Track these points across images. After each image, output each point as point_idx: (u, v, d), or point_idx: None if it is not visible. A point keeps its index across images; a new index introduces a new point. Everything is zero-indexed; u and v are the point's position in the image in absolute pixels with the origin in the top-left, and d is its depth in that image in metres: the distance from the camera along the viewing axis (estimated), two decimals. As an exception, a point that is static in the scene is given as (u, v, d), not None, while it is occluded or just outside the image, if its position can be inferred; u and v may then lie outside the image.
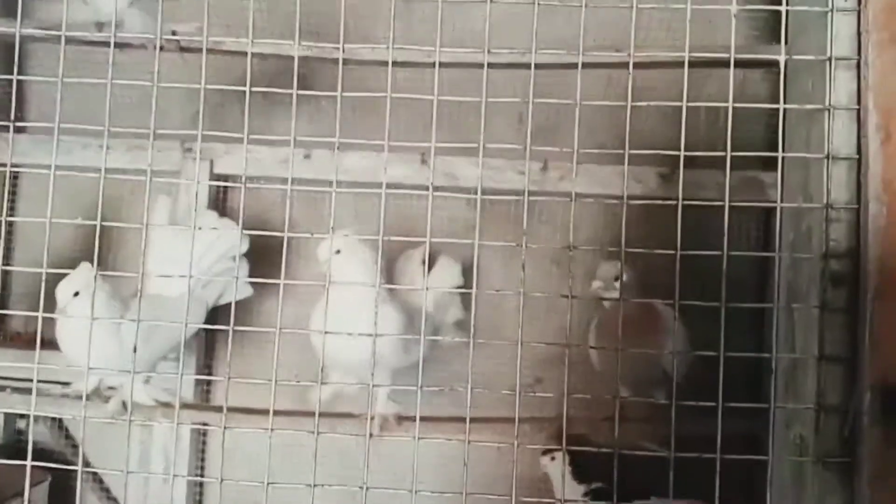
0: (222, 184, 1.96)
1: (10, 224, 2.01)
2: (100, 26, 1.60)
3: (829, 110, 1.10)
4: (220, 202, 1.97)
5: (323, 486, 1.07)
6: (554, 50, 1.22)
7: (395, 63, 1.23)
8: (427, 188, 1.18)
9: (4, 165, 1.97)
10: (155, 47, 1.12)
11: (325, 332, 1.08)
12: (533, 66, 1.17)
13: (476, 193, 1.18)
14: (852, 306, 1.05)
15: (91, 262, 1.44)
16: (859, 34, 1.13)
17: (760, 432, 1.15)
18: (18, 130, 1.93)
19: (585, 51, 1.17)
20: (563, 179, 1.83)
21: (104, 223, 1.15)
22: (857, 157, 1.09)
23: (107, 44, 1.54)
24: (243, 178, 1.12)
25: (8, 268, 1.12)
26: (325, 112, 1.99)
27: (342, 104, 1.17)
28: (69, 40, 1.23)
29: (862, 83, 1.11)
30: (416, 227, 1.86)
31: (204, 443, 1.98)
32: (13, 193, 2.06)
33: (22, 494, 1.67)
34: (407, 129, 1.87)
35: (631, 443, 1.28)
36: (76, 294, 1.44)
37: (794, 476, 1.10)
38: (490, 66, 1.18)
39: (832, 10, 1.12)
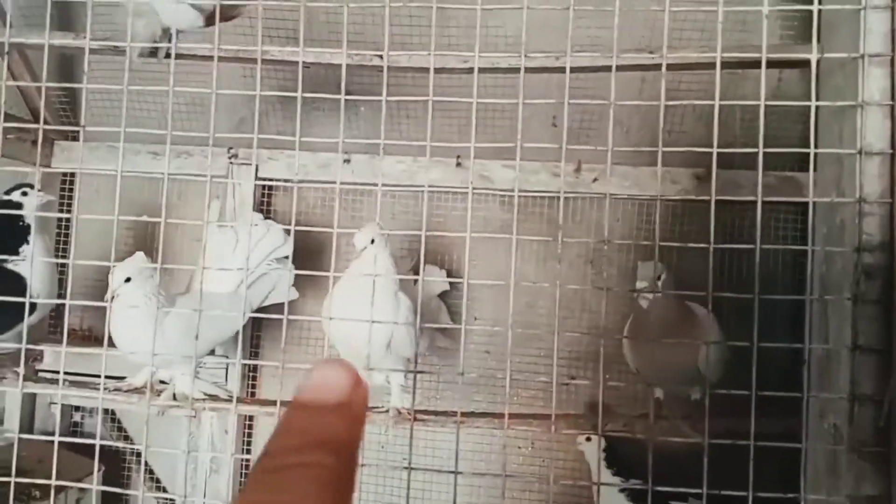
0: (278, 182, 2.02)
1: (66, 228, 2.12)
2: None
3: (861, 106, 1.11)
4: (264, 206, 2.05)
5: (367, 465, 1.12)
6: (588, 52, 1.25)
7: (434, 69, 1.27)
8: (462, 190, 1.23)
9: (64, 173, 2.10)
10: (213, 58, 1.18)
11: (373, 322, 1.13)
12: (568, 68, 1.20)
13: (511, 196, 1.21)
14: (885, 298, 1.05)
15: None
16: (893, 31, 1.13)
17: (800, 431, 1.16)
18: (74, 138, 2.03)
19: (619, 53, 1.19)
20: (597, 181, 1.85)
21: (165, 220, 1.22)
22: (891, 151, 1.10)
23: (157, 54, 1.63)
24: (295, 181, 1.18)
25: (78, 262, 1.19)
26: (362, 118, 2.05)
27: (380, 111, 1.22)
28: (124, 52, 1.30)
29: None
30: (450, 229, 1.91)
31: (249, 434, 2.06)
32: (69, 198, 2.17)
33: (79, 481, 1.78)
34: (441, 134, 1.92)
35: (667, 436, 1.30)
36: (128, 280, 1.49)
37: (829, 465, 1.10)
38: (526, 70, 1.21)
39: (865, 8, 1.13)
